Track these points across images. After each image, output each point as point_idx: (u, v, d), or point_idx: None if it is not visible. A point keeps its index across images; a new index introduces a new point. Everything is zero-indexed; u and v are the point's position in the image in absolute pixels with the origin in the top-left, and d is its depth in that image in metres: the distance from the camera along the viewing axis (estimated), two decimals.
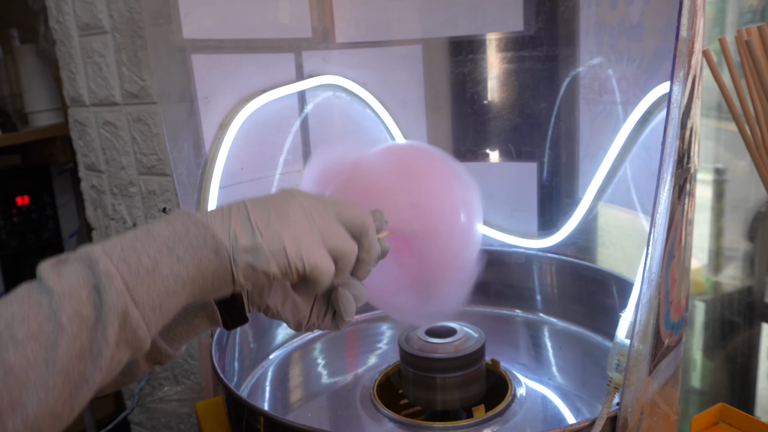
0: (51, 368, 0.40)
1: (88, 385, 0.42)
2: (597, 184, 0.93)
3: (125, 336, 0.43)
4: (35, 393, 0.40)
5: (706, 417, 0.72)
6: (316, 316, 0.58)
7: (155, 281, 0.44)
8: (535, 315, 1.01)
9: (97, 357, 0.42)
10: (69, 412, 0.42)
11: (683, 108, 0.48)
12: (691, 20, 0.46)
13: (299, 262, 0.48)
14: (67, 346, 0.41)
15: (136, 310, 0.43)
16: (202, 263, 0.46)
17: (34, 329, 0.41)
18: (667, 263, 0.53)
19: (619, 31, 0.85)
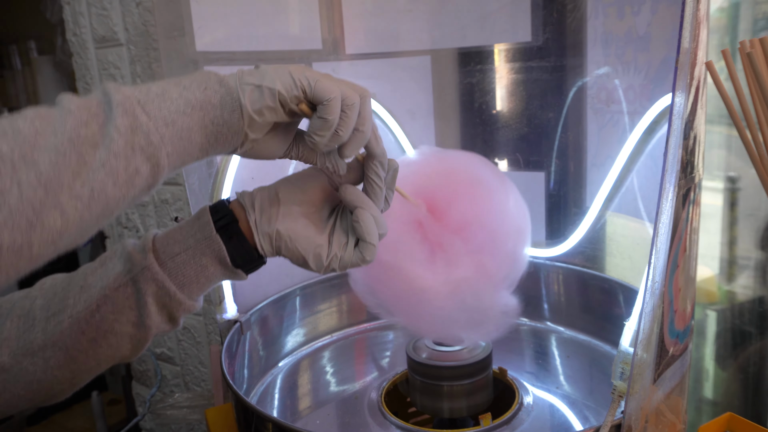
0: (60, 137, 0.42)
1: (104, 168, 0.43)
2: (604, 194, 0.93)
3: (138, 140, 0.45)
4: (46, 153, 0.41)
5: (714, 426, 0.72)
6: (337, 245, 0.57)
7: (165, 101, 0.47)
8: (543, 324, 1.01)
9: (109, 144, 0.44)
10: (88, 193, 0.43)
11: (686, 118, 0.49)
12: (693, 32, 0.47)
13: (304, 79, 0.50)
14: (75, 125, 0.43)
15: (146, 117, 0.45)
16: (208, 90, 0.48)
17: (42, 113, 0.43)
18: (671, 272, 0.54)
19: (626, 42, 0.86)
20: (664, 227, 0.50)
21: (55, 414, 1.77)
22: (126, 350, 0.58)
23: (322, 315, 1.03)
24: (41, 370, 0.56)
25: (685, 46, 0.45)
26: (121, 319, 0.56)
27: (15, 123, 0.42)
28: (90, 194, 0.43)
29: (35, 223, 0.40)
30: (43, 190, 0.41)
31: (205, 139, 0.49)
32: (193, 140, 0.48)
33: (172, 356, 1.32)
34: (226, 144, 0.51)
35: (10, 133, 0.41)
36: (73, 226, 0.43)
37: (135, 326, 0.57)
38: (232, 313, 0.87)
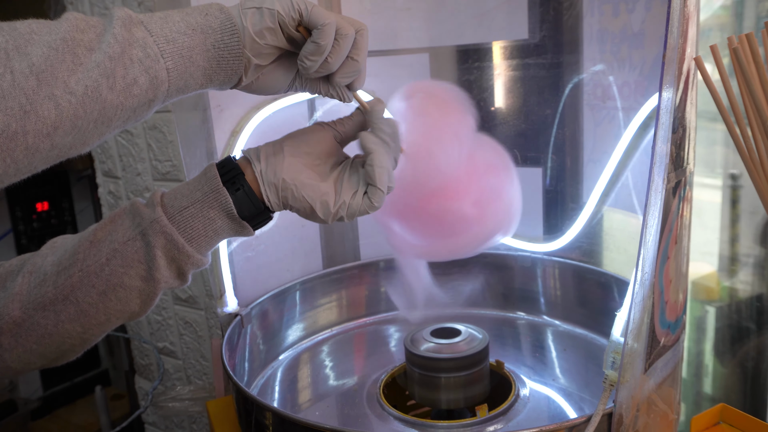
0: (54, 36, 0.44)
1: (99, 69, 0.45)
2: (600, 189, 0.94)
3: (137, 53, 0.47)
4: (40, 48, 0.43)
5: (707, 417, 0.73)
6: (346, 192, 0.59)
7: (167, 23, 0.49)
8: (540, 318, 1.02)
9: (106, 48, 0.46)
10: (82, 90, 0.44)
11: (674, 113, 0.50)
12: (680, 28, 0.48)
13: (302, 3, 0.53)
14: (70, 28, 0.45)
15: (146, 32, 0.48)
16: (209, 16, 0.51)
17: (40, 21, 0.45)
18: (661, 264, 0.55)
19: (621, 39, 0.87)
20: (653, 219, 0.51)
21: (60, 409, 1.79)
22: (135, 305, 0.59)
23: (322, 309, 1.04)
24: (53, 324, 0.57)
25: (672, 42, 0.46)
26: (130, 273, 0.57)
27: (12, 23, 0.44)
28: (84, 91, 0.45)
29: (29, 111, 0.42)
30: (35, 79, 0.42)
31: (207, 63, 0.52)
32: (194, 60, 0.51)
33: (174, 350, 1.33)
34: (229, 70, 0.53)
35: (6, 29, 0.43)
36: (68, 121, 0.44)
37: (144, 280, 0.58)
38: (233, 306, 0.89)
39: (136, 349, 1.45)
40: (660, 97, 0.47)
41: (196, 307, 1.27)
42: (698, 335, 1.58)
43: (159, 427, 1.37)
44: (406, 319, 1.03)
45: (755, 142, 0.52)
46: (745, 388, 1.54)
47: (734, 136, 0.51)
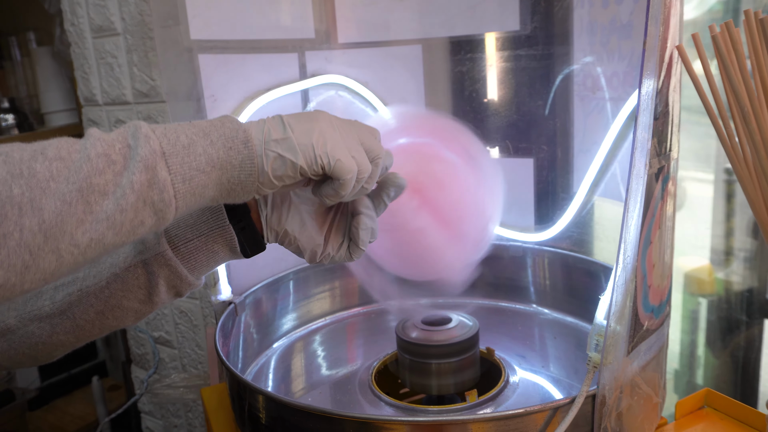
0: (71, 186, 0.43)
1: (108, 222, 0.45)
2: (590, 179, 0.95)
3: (152, 195, 0.46)
4: (53, 201, 0.42)
5: (692, 401, 0.74)
6: (332, 246, 0.63)
7: (189, 155, 0.48)
8: (530, 306, 1.04)
9: (120, 198, 0.45)
10: (86, 242, 0.44)
11: (655, 100, 0.51)
12: (660, 16, 0.49)
13: (324, 156, 0.52)
14: (88, 174, 0.44)
15: (166, 172, 0.47)
16: (232, 150, 0.50)
17: (63, 153, 0.44)
18: (644, 248, 0.56)
19: (610, 30, 0.88)
20: (634, 204, 0.52)
21: (57, 399, 1.80)
22: (130, 321, 0.61)
23: (316, 299, 1.05)
24: (47, 335, 0.59)
25: (652, 30, 0.47)
26: (129, 296, 0.60)
27: (34, 164, 0.43)
28: (88, 243, 0.44)
29: (30, 265, 0.42)
30: (42, 236, 0.42)
31: (217, 193, 0.51)
32: (205, 195, 0.50)
33: (169, 339, 1.34)
34: (236, 199, 0.53)
35: (26, 174, 0.42)
36: (66, 269, 0.45)
37: (143, 303, 0.60)
38: (227, 294, 0.90)
39: (132, 339, 1.47)
40: (641, 84, 0.48)
41: (192, 297, 1.28)
42: (691, 327, 1.60)
43: (155, 416, 1.38)
44: (399, 309, 1.04)
45: (737, 132, 0.53)
46: (735, 378, 1.56)
47: (716, 125, 0.52)
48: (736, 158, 0.54)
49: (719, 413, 0.73)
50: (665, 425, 0.72)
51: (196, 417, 1.30)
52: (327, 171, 0.53)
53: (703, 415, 0.74)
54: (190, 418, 1.31)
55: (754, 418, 0.70)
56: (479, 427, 0.59)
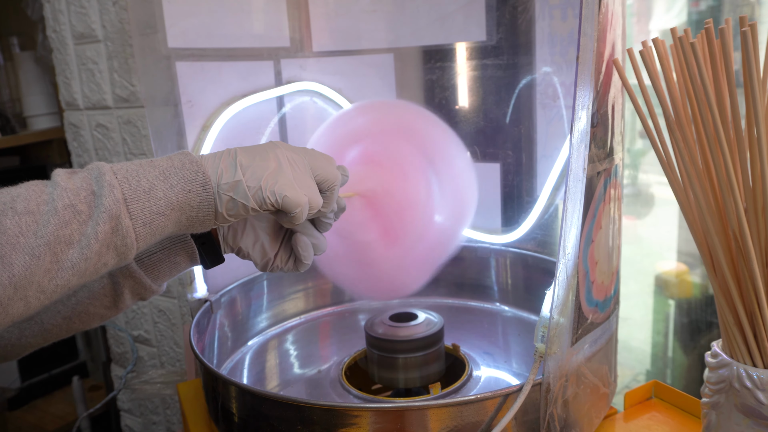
0: (39, 240, 0.46)
1: (73, 270, 0.48)
2: (552, 183, 1.00)
3: (115, 240, 0.49)
4: (23, 256, 0.45)
5: (640, 392, 0.79)
6: (280, 259, 0.67)
7: (149, 200, 0.51)
8: (494, 305, 1.08)
9: (84, 248, 0.48)
10: (53, 289, 0.47)
11: (591, 109, 0.56)
12: (594, 32, 0.53)
13: (272, 195, 0.56)
14: (56, 227, 0.46)
15: (128, 219, 0.49)
16: (191, 194, 0.53)
17: (32, 207, 0.46)
18: (585, 246, 0.60)
19: (569, 42, 0.93)
20: (573, 204, 0.56)
21: (37, 399, 1.81)
22: (95, 323, 0.66)
23: (290, 298, 1.09)
24: (16, 338, 0.63)
25: (586, 44, 0.52)
26: (95, 303, 0.64)
27: (3, 219, 0.45)
28: (55, 289, 0.47)
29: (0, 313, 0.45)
30: (12, 288, 0.45)
31: (176, 229, 0.55)
32: (164, 233, 0.53)
33: (148, 338, 1.37)
34: (193, 231, 0.57)
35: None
36: (34, 311, 0.48)
37: (108, 308, 0.65)
38: (203, 292, 0.93)
39: (112, 338, 1.49)
40: (575, 94, 0.52)
41: (170, 296, 1.31)
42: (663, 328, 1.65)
43: (134, 414, 1.40)
44: (369, 308, 1.08)
45: (677, 143, 0.57)
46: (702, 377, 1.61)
47: (650, 136, 0.57)
48: (669, 167, 0.58)
49: (665, 403, 0.78)
50: (614, 414, 0.76)
51: (174, 414, 1.33)
52: (277, 207, 0.57)
53: (650, 405, 0.78)
54: (168, 415, 1.34)
55: (697, 408, 0.75)
56: (436, 413, 0.62)
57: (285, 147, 0.59)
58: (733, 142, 0.50)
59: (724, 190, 0.50)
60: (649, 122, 0.56)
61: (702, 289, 1.55)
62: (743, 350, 0.55)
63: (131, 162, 0.53)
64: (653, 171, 1.58)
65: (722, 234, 0.53)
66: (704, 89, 0.49)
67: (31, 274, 0.45)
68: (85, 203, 0.48)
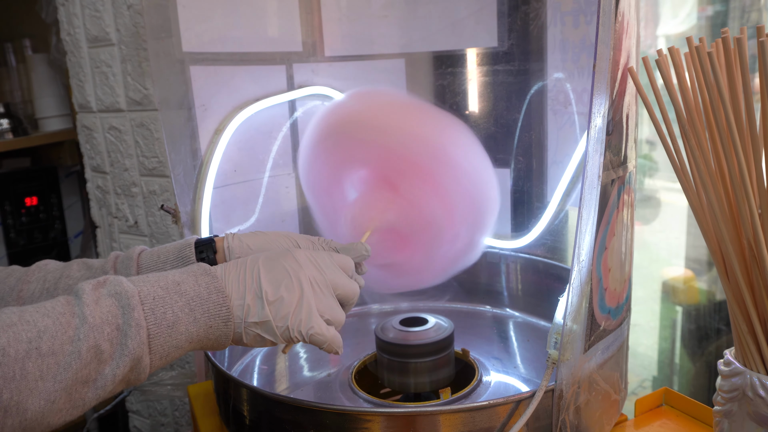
0: (57, 385, 0.46)
1: (84, 407, 0.48)
2: (563, 189, 1.00)
3: (130, 376, 0.50)
4: (38, 401, 0.45)
5: (650, 399, 0.78)
6: None
7: (171, 336, 0.52)
8: (504, 310, 1.08)
9: (100, 388, 0.48)
10: (60, 423, 0.48)
11: (607, 116, 0.56)
12: (611, 40, 0.54)
13: (300, 335, 0.58)
14: (76, 371, 0.46)
15: (149, 357, 0.51)
16: (212, 329, 0.54)
17: (56, 348, 0.46)
18: (599, 253, 0.60)
19: (581, 48, 0.93)
20: (588, 212, 0.57)
21: None
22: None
23: None
24: None
25: (602, 52, 0.52)
26: None
27: (27, 363, 0.44)
28: (59, 422, 0.47)
29: None
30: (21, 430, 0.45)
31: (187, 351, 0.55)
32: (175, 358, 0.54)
33: None
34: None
35: (18, 376, 0.44)
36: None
37: None
38: None
39: None
40: (591, 102, 0.53)
41: None
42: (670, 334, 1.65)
43: (142, 416, 1.41)
44: (380, 312, 1.08)
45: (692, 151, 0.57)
46: (710, 384, 1.61)
47: (663, 142, 0.57)
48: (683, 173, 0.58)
49: (676, 410, 0.78)
50: (625, 421, 0.76)
51: (183, 416, 1.33)
52: (304, 342, 0.59)
53: (661, 413, 0.78)
54: (176, 417, 1.34)
55: (707, 415, 0.74)
56: (448, 419, 0.63)
57: (306, 262, 0.60)
58: (748, 148, 0.50)
59: (739, 196, 0.50)
60: (663, 129, 0.56)
61: (709, 295, 1.55)
62: (757, 358, 0.55)
63: (157, 281, 0.53)
64: (661, 177, 1.58)
65: (736, 240, 0.53)
66: (720, 96, 0.49)
67: (42, 417, 0.45)
68: (107, 341, 0.48)
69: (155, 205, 1.30)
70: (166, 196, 1.28)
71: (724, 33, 0.49)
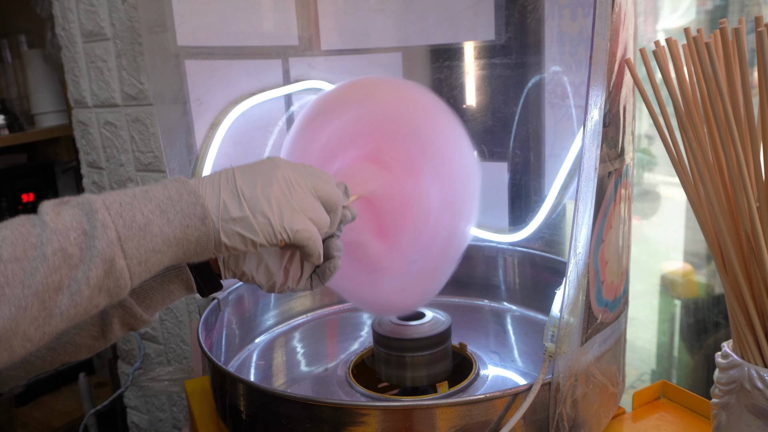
0: (26, 290, 0.43)
1: (62, 316, 0.45)
2: (560, 182, 1.00)
3: (108, 283, 0.46)
4: (8, 307, 0.42)
5: (648, 392, 0.78)
6: (292, 279, 0.63)
7: (145, 238, 0.48)
8: (501, 304, 1.08)
9: (74, 294, 0.45)
10: (40, 336, 0.44)
11: (603, 109, 0.55)
12: (607, 32, 0.53)
13: (283, 231, 0.53)
14: (44, 275, 0.43)
15: (123, 260, 0.46)
16: (189, 229, 0.50)
17: (19, 253, 0.43)
18: (596, 246, 0.60)
19: (578, 41, 0.93)
20: (584, 204, 0.56)
21: (43, 396, 1.82)
22: (82, 356, 0.61)
23: (297, 296, 1.09)
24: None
25: (599, 44, 0.52)
26: (82, 334, 0.59)
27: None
28: (41, 336, 0.44)
29: None
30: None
31: (172, 263, 0.51)
32: (159, 269, 0.50)
33: (155, 335, 1.37)
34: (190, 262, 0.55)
35: None
36: (19, 358, 0.45)
37: (96, 339, 0.60)
38: None
39: None
40: (588, 94, 0.52)
41: None
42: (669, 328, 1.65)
43: (141, 411, 1.41)
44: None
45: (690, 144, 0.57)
46: (708, 377, 1.61)
47: (661, 134, 0.56)
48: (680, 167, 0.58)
49: (674, 403, 0.78)
50: (623, 414, 0.76)
51: (180, 411, 1.33)
52: (289, 243, 0.54)
53: (659, 405, 0.78)
54: (174, 412, 1.34)
55: (705, 408, 0.74)
56: (445, 412, 0.62)
57: (285, 165, 0.56)
58: (746, 140, 0.50)
59: (737, 189, 0.50)
60: (660, 121, 0.56)
61: (708, 289, 1.55)
62: (755, 351, 0.54)
63: (124, 192, 0.50)
64: (659, 171, 1.58)
65: (734, 233, 0.53)
66: (718, 88, 0.49)
67: (16, 325, 0.43)
68: (75, 246, 0.45)
69: None
70: None
71: (722, 24, 0.49)
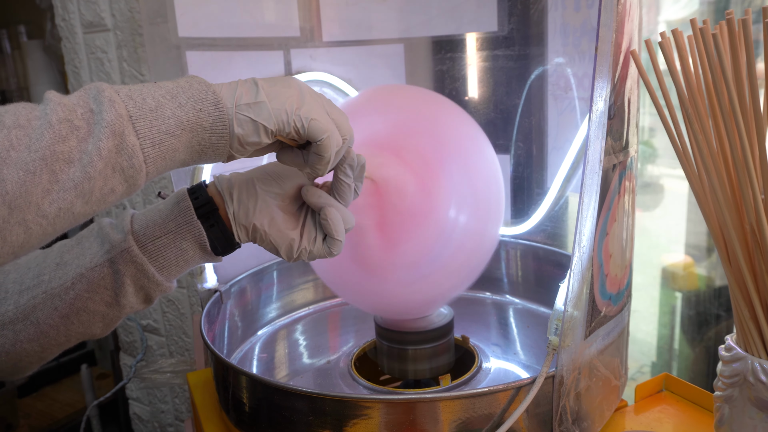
0: (33, 154, 0.41)
1: (76, 190, 0.43)
2: (563, 175, 0.99)
3: (120, 161, 0.45)
4: (15, 171, 0.40)
5: (651, 385, 0.78)
6: (307, 239, 0.60)
7: (157, 119, 0.46)
8: (504, 297, 1.08)
9: (87, 165, 0.43)
10: (55, 212, 0.42)
11: (609, 101, 0.55)
12: (613, 23, 0.53)
13: (298, 119, 0.51)
14: (51, 142, 0.42)
15: (135, 137, 0.45)
16: (202, 112, 0.48)
17: (22, 121, 0.42)
18: (600, 239, 0.60)
19: (581, 32, 0.92)
20: (589, 197, 0.56)
21: (46, 387, 1.83)
22: (97, 328, 0.59)
23: (299, 289, 1.09)
24: (10, 343, 0.57)
25: (604, 35, 0.51)
26: (95, 298, 0.58)
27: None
28: (57, 213, 0.43)
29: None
30: (7, 208, 0.40)
31: (188, 157, 0.50)
32: (176, 159, 0.49)
33: (157, 327, 1.38)
34: (208, 161, 0.52)
35: None
36: (36, 240, 0.43)
37: (109, 306, 0.58)
38: (213, 283, 0.93)
39: (121, 327, 1.50)
40: (593, 86, 0.52)
41: (179, 286, 1.31)
42: (669, 320, 1.65)
43: (143, 403, 1.41)
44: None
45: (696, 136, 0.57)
46: (708, 369, 1.61)
47: (666, 126, 0.56)
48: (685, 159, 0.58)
49: (676, 396, 0.78)
50: (625, 407, 0.76)
51: (182, 402, 1.34)
52: (302, 133, 0.52)
53: (661, 398, 0.78)
54: (176, 404, 1.35)
55: (708, 401, 0.74)
56: (448, 405, 0.62)
57: (304, 83, 0.55)
58: (752, 130, 0.49)
59: (742, 180, 0.50)
60: (665, 113, 0.55)
61: (708, 281, 1.55)
62: (758, 344, 0.54)
63: (133, 84, 0.48)
64: (661, 163, 1.58)
65: (739, 226, 0.53)
66: (724, 77, 0.48)
67: (27, 193, 0.41)
68: (82, 119, 0.43)
69: (152, 192, 1.29)
70: (164, 183, 1.27)
71: (728, 15, 0.49)
